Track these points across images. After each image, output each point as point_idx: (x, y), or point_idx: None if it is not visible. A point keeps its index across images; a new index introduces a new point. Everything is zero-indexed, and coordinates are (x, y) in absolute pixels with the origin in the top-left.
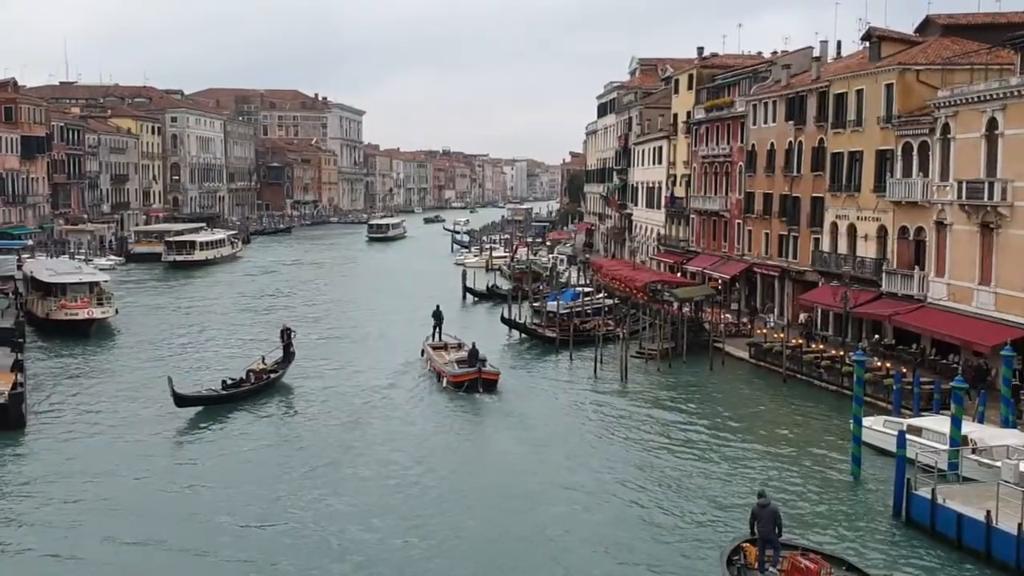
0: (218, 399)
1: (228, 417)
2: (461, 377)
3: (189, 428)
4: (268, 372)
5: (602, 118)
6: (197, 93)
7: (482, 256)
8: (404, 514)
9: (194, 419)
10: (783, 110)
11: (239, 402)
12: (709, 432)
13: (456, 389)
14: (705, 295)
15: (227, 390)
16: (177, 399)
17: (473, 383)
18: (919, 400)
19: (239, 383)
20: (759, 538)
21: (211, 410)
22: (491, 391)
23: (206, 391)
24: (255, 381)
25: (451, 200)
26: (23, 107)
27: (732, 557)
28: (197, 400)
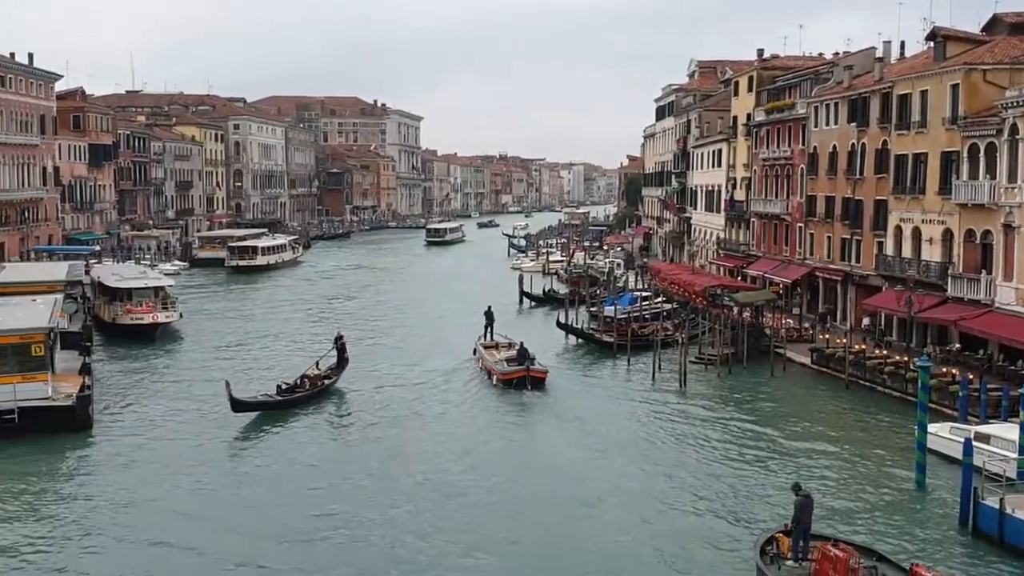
0: (273, 405)
1: (283, 423)
2: (510, 375)
3: (246, 433)
4: (322, 378)
5: (660, 121)
6: (259, 101)
7: (539, 260)
8: (460, 520)
9: (250, 424)
10: (845, 112)
11: (294, 407)
12: (770, 439)
13: (505, 386)
14: (766, 300)
15: (282, 395)
16: (234, 404)
17: (521, 380)
18: (986, 407)
19: (294, 388)
20: (799, 529)
21: (267, 415)
22: (539, 388)
23: (262, 396)
24: (309, 387)
25: (508, 205)
26: (91, 116)
27: (765, 547)
28: (253, 406)
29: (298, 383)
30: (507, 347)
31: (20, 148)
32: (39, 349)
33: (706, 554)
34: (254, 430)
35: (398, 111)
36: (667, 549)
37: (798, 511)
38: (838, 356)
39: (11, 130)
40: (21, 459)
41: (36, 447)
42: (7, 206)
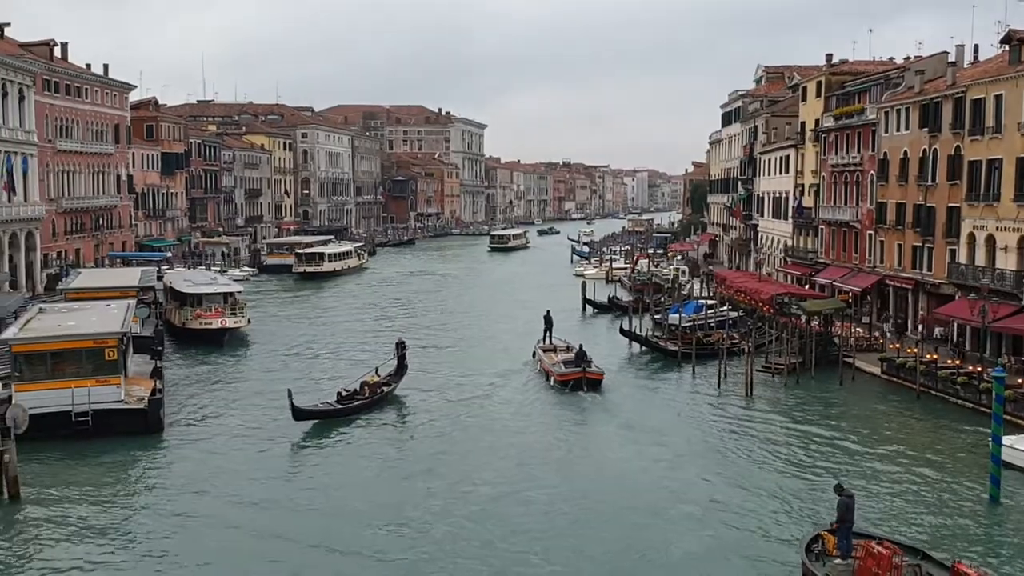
0: (334, 413)
1: (344, 431)
2: (567, 376)
3: (308, 441)
4: (382, 385)
5: (726, 127)
6: (326, 110)
7: (602, 267)
8: (526, 528)
9: (312, 432)
10: (917, 117)
11: (354, 415)
12: (839, 449)
13: (563, 387)
14: (834, 308)
15: (342, 403)
16: (295, 412)
17: (578, 382)
18: None
19: (354, 396)
20: (843, 527)
21: (328, 423)
22: (595, 390)
23: (322, 404)
24: (369, 394)
25: (571, 211)
26: (164, 125)
27: (811, 545)
28: (314, 414)
29: (358, 390)
30: (565, 350)
31: (96, 157)
32: (112, 353)
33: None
34: (316, 438)
35: (462, 119)
36: (731, 559)
37: (842, 511)
38: (909, 366)
39: (87, 139)
40: (95, 460)
41: (109, 449)
42: (83, 213)
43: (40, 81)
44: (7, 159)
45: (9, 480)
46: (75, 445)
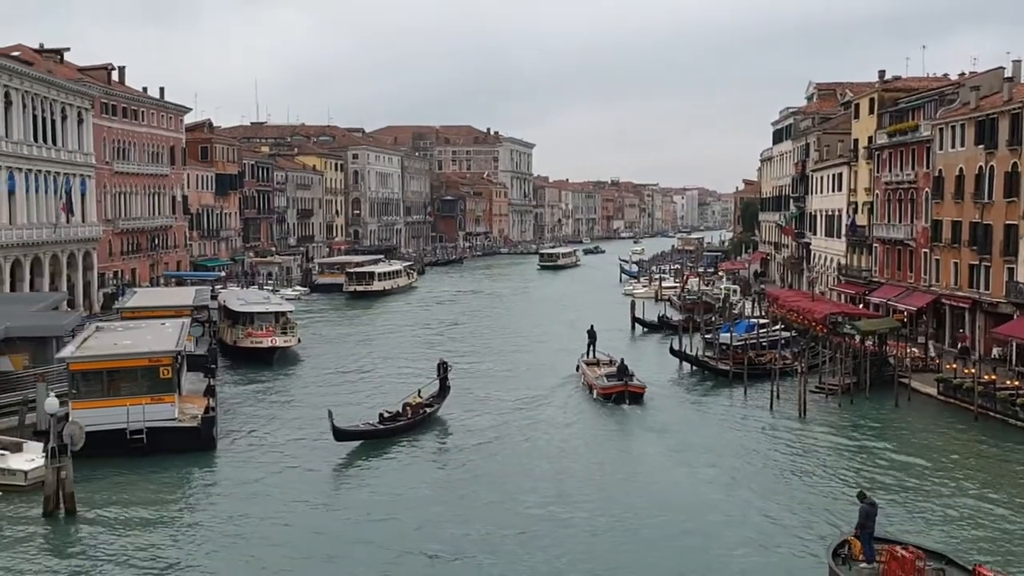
0: (376, 434)
1: (385, 452)
2: (609, 389)
3: (354, 462)
4: (424, 406)
5: (777, 145)
6: (377, 131)
7: (651, 286)
8: (571, 551)
9: (355, 452)
10: (972, 133)
11: (396, 436)
12: (895, 471)
13: (605, 400)
14: (889, 328)
15: (384, 424)
16: (336, 433)
17: (620, 395)
18: None
19: (396, 417)
20: (865, 533)
21: (370, 444)
22: (637, 402)
23: (364, 425)
24: (411, 415)
25: (619, 230)
26: (218, 147)
27: (838, 550)
28: (355, 435)
29: (400, 411)
30: (608, 364)
31: (151, 178)
32: (167, 372)
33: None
34: (360, 458)
35: (510, 138)
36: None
37: (862, 517)
38: (966, 387)
39: (143, 161)
40: (149, 477)
41: (162, 466)
42: (139, 233)
43: (98, 105)
44: (66, 181)
45: (66, 496)
46: (130, 462)
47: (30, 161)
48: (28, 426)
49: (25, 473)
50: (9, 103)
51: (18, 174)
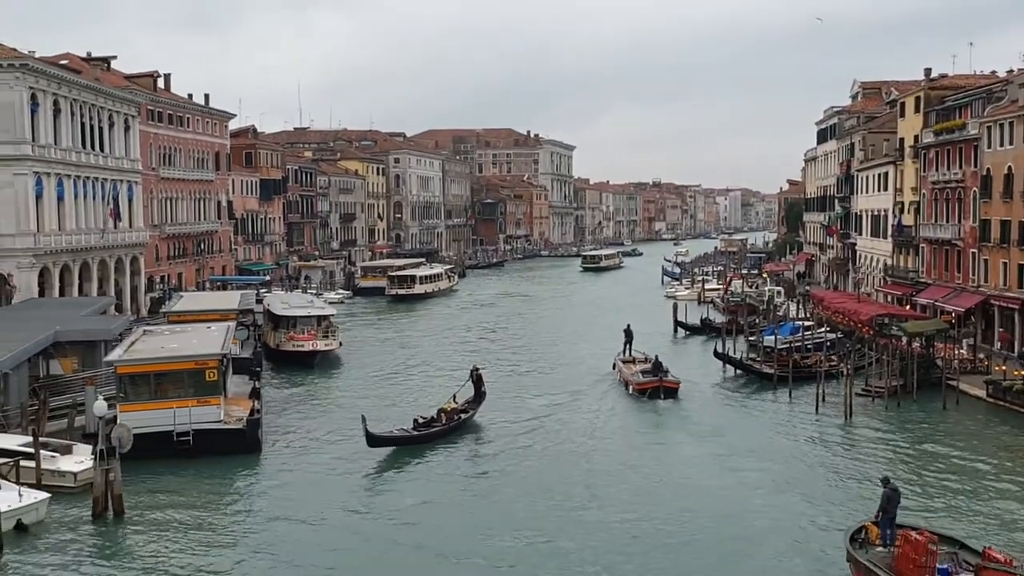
0: (409, 439)
1: (420, 457)
2: (645, 385)
3: (391, 466)
4: (459, 412)
5: (822, 144)
6: (418, 135)
7: (693, 288)
8: (614, 557)
9: (391, 458)
10: (1021, 131)
11: (430, 442)
12: (943, 475)
13: (640, 395)
14: (937, 329)
15: (418, 430)
16: (370, 439)
17: (656, 391)
18: None
19: (430, 423)
20: (886, 518)
21: (403, 450)
22: (672, 397)
23: (398, 431)
24: (446, 421)
25: (661, 232)
26: (262, 152)
27: (855, 535)
28: (389, 440)
29: (435, 417)
30: (644, 361)
31: (197, 184)
32: (213, 375)
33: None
34: (396, 464)
35: (551, 141)
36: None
37: (884, 502)
38: (1016, 389)
39: (189, 167)
40: (195, 479)
41: (209, 468)
42: (185, 238)
43: (144, 111)
44: (113, 187)
45: (114, 498)
46: (176, 464)
47: (78, 168)
48: (77, 429)
49: (75, 475)
50: (58, 111)
51: (67, 181)
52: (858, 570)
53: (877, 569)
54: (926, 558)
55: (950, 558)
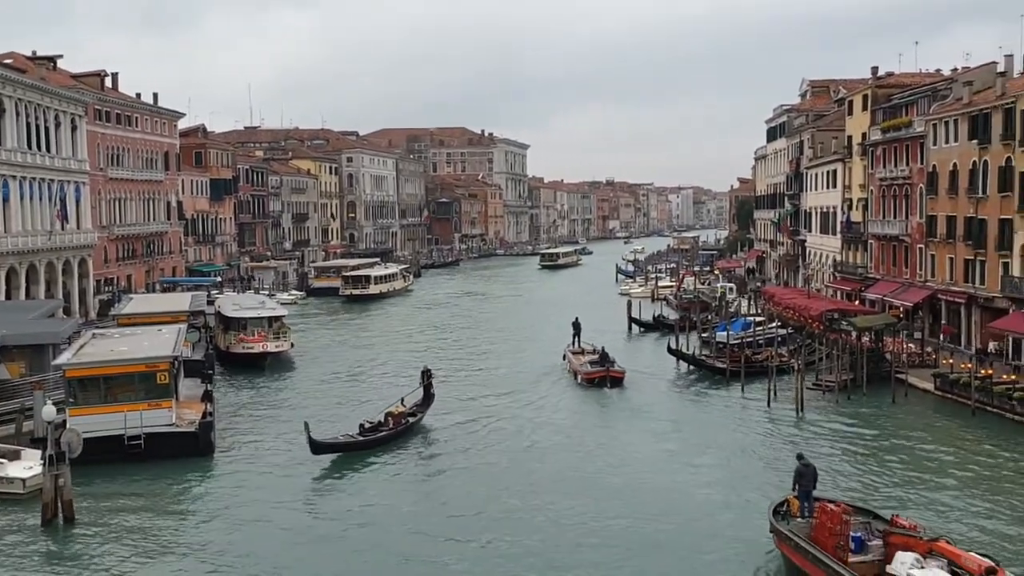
0: (355, 445)
1: (366, 464)
2: (592, 374)
3: (337, 472)
4: (407, 415)
5: (772, 143)
6: (371, 134)
7: (647, 286)
8: (562, 556)
9: (340, 464)
10: (966, 129)
11: (377, 448)
12: (893, 468)
13: (588, 384)
14: (885, 324)
15: (364, 435)
16: (313, 446)
17: (602, 380)
18: None
19: (377, 427)
20: (802, 491)
21: (349, 456)
22: (618, 386)
23: (343, 437)
24: (393, 425)
25: (615, 230)
26: (212, 152)
27: (778, 508)
28: (334, 447)
29: (382, 421)
30: (591, 353)
31: (146, 184)
32: (164, 377)
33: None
34: (345, 470)
35: (504, 139)
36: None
37: (797, 476)
38: (963, 382)
39: (138, 167)
40: (147, 484)
41: (160, 472)
42: (134, 240)
43: (92, 111)
44: (60, 188)
45: (64, 504)
46: (128, 468)
47: (24, 168)
48: (25, 434)
49: (23, 481)
50: (2, 111)
51: (12, 182)
52: (780, 540)
53: (797, 538)
54: (841, 527)
55: (863, 527)
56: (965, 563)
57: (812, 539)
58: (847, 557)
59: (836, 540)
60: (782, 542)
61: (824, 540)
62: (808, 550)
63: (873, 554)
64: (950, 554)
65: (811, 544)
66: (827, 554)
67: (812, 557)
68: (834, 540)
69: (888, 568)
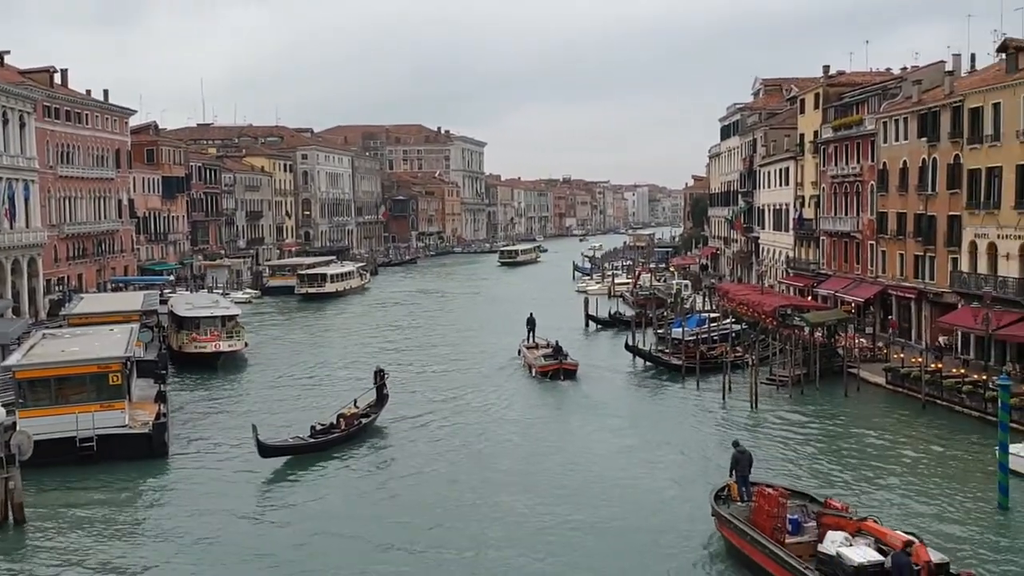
0: (305, 448)
1: (316, 467)
2: (546, 367)
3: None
4: (360, 417)
5: (725, 140)
6: (326, 131)
7: (604, 283)
8: (515, 556)
9: (286, 468)
10: (915, 127)
11: (328, 450)
12: (845, 461)
13: (543, 378)
14: (837, 319)
15: (315, 437)
16: (262, 449)
17: (556, 372)
18: None
19: (329, 429)
20: (739, 476)
21: (302, 459)
22: (571, 378)
23: (292, 440)
24: (346, 427)
25: (572, 227)
26: (164, 149)
27: (719, 493)
28: (283, 450)
29: (334, 423)
30: (545, 347)
31: (97, 182)
32: (116, 378)
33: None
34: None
35: (461, 137)
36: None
37: (734, 463)
38: (913, 375)
39: (88, 164)
40: (99, 486)
41: (113, 474)
42: (85, 238)
43: (40, 108)
44: (8, 186)
45: (14, 506)
46: (80, 471)
47: None
48: None
49: None
50: None
51: None
52: (721, 523)
53: (737, 521)
54: (778, 510)
55: (800, 509)
56: (889, 540)
57: (751, 522)
58: (784, 538)
59: (774, 522)
60: (723, 525)
61: (762, 523)
62: (747, 532)
63: (808, 535)
64: (876, 532)
65: (750, 527)
66: (765, 536)
67: (751, 539)
68: (772, 522)
69: (819, 547)
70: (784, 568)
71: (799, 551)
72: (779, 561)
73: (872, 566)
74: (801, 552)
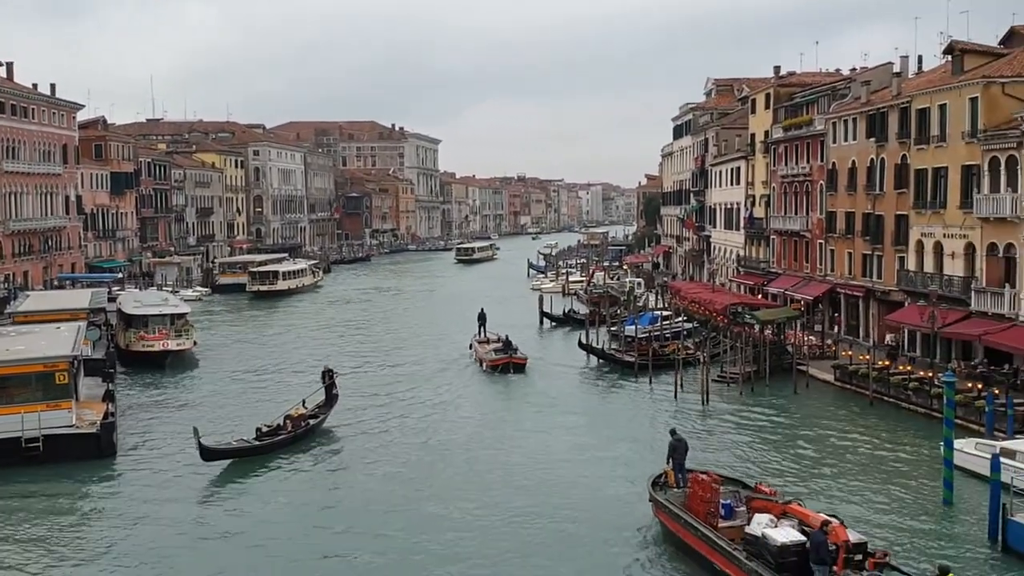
0: (249, 451)
1: (261, 470)
2: (496, 361)
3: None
4: (308, 418)
5: (678, 140)
6: (278, 127)
7: (558, 281)
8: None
9: (234, 469)
10: (864, 127)
11: (274, 451)
12: (794, 456)
13: (493, 371)
14: (787, 317)
15: (261, 439)
16: (204, 452)
17: (506, 366)
18: (1013, 422)
19: (275, 431)
20: (675, 464)
21: (248, 461)
22: (520, 372)
23: (236, 442)
24: (292, 428)
25: (527, 226)
26: (112, 144)
27: (657, 480)
28: (226, 453)
29: (280, 425)
30: (496, 341)
31: (43, 177)
32: (63, 377)
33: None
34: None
35: (415, 134)
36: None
37: (671, 450)
38: (861, 373)
39: (34, 160)
40: (45, 487)
41: (61, 475)
42: (31, 235)
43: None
44: None
45: None
46: (25, 472)
47: None
48: None
49: None
50: None
51: None
52: (658, 509)
53: (672, 506)
54: (712, 495)
55: (732, 495)
56: (811, 521)
57: (687, 507)
58: (717, 523)
59: (707, 507)
60: (659, 510)
61: (697, 508)
62: (682, 517)
63: (740, 519)
64: (800, 514)
65: (685, 512)
66: (699, 520)
67: (685, 523)
68: (705, 507)
69: (747, 529)
70: (715, 550)
71: (730, 534)
72: (711, 544)
73: (794, 546)
74: (732, 535)
